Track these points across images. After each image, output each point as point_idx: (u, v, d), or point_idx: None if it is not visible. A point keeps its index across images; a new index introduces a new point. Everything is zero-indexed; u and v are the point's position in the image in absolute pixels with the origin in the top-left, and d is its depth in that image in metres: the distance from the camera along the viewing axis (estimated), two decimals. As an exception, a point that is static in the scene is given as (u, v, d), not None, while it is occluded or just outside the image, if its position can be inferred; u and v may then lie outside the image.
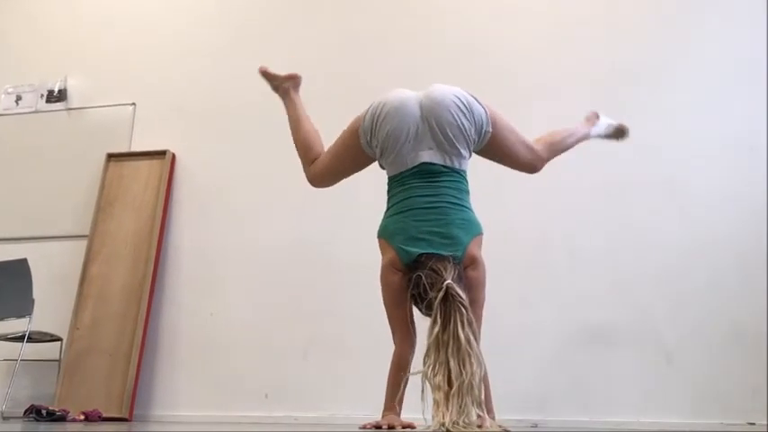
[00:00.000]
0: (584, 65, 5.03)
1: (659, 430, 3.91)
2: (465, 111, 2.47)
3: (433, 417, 1.93)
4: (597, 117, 3.09)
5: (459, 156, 2.48)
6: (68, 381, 4.86)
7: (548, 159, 2.77)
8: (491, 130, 2.54)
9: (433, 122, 2.44)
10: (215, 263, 5.17)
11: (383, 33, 5.52)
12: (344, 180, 2.82)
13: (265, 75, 2.97)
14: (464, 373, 1.94)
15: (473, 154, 2.60)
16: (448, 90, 2.51)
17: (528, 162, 2.72)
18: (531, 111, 4.80)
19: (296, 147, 2.85)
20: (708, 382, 4.25)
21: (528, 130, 2.71)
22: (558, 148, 2.83)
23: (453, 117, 2.44)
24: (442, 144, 2.44)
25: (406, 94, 2.52)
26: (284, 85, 2.95)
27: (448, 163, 2.46)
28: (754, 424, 4.03)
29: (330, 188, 4.56)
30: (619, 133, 3.18)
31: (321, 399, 4.65)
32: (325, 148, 2.78)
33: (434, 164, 2.45)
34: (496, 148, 2.61)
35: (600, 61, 5.02)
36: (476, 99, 2.53)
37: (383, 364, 2.44)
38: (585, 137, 3.01)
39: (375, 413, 2.42)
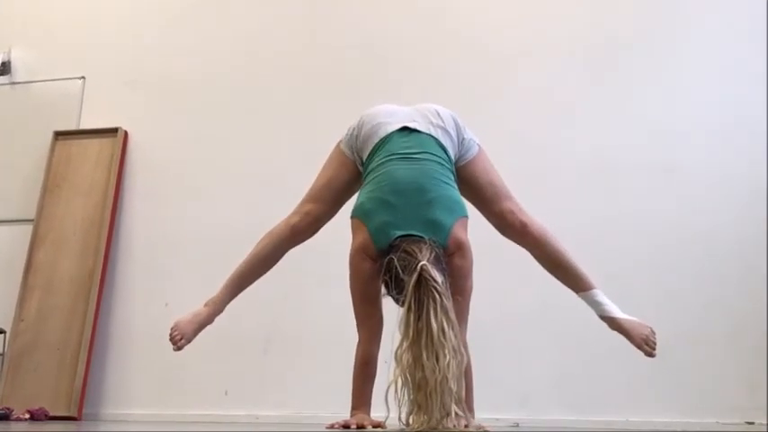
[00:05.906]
0: (574, 34, 4.87)
1: (651, 430, 3.84)
2: (452, 115, 2.47)
3: (411, 419, 1.80)
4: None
5: (446, 133, 2.38)
6: (12, 377, 4.72)
7: (527, 231, 2.46)
8: (477, 146, 2.46)
9: (420, 106, 2.47)
10: (170, 249, 5.01)
11: (349, 3, 5.35)
12: (310, 162, 2.69)
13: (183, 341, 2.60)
14: (437, 368, 1.78)
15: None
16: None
17: (502, 210, 2.46)
18: (511, 82, 4.73)
19: (281, 256, 2.73)
20: (704, 379, 4.14)
21: (510, 103, 2.52)
22: (549, 244, 2.50)
23: (441, 108, 2.47)
24: (427, 118, 2.39)
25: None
26: (206, 314, 2.70)
27: (432, 132, 2.34)
28: (752, 423, 3.95)
29: (293, 171, 4.34)
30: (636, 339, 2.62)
31: (285, 396, 4.53)
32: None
33: (417, 130, 2.35)
34: (476, 174, 2.45)
35: (591, 30, 4.87)
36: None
37: (351, 359, 2.32)
38: (587, 285, 2.56)
39: (343, 411, 2.32)
